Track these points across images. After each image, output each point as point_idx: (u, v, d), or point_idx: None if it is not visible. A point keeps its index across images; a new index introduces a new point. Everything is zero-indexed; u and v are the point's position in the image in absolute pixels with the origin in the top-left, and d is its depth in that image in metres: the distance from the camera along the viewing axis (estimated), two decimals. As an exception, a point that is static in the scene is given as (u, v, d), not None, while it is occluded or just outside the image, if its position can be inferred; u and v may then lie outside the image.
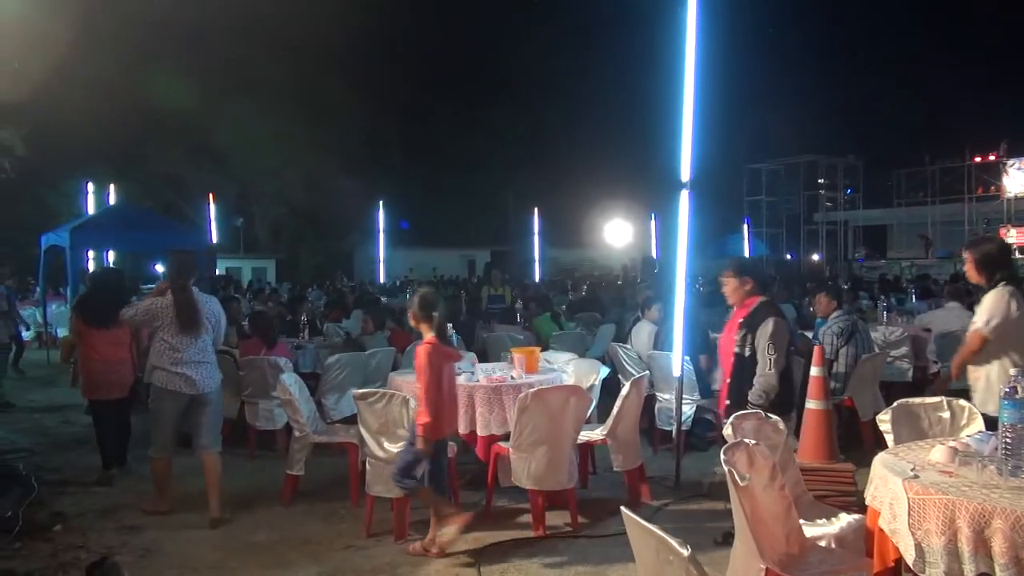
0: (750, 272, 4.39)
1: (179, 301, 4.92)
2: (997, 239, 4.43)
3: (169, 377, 4.91)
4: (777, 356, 4.15)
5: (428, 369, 4.12)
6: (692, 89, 5.61)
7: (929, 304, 10.31)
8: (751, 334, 4.24)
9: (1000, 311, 3.98)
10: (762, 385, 4.15)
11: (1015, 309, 3.98)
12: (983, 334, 4.03)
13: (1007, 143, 30.00)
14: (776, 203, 36.80)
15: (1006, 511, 2.34)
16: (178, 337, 4.91)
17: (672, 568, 2.03)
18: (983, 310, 4.06)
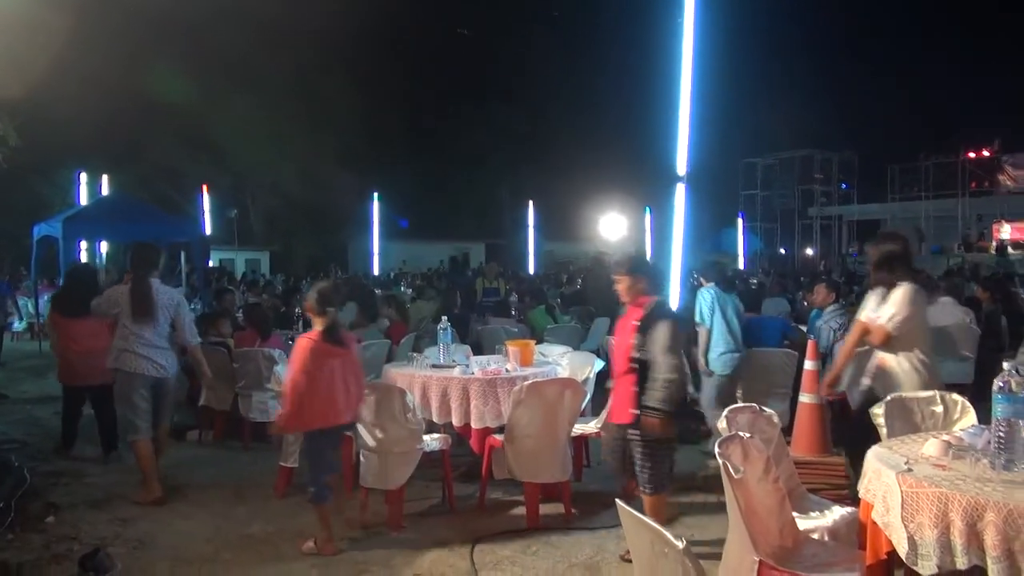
0: (643, 270, 4.19)
1: (133, 290, 5.23)
2: (901, 237, 4.53)
3: (137, 361, 5.17)
4: (675, 360, 3.96)
5: (301, 362, 4.16)
6: (689, 83, 5.61)
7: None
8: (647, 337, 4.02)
9: (906, 307, 4.11)
10: (665, 390, 3.93)
11: (920, 306, 4.17)
12: (887, 329, 4.15)
13: (1000, 139, 30.12)
14: (771, 197, 36.89)
15: (999, 504, 2.35)
16: (136, 324, 5.19)
17: (667, 561, 2.04)
18: (890, 305, 4.16)
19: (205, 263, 15.53)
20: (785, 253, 36.35)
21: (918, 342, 4.21)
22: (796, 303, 10.66)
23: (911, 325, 4.16)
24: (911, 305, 4.15)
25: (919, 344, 4.22)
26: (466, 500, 5.07)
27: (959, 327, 7.74)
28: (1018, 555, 2.30)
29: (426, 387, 5.14)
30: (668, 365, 3.91)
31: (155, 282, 5.33)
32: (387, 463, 4.58)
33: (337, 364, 4.26)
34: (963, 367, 7.69)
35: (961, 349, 7.72)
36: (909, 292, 4.16)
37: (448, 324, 5.87)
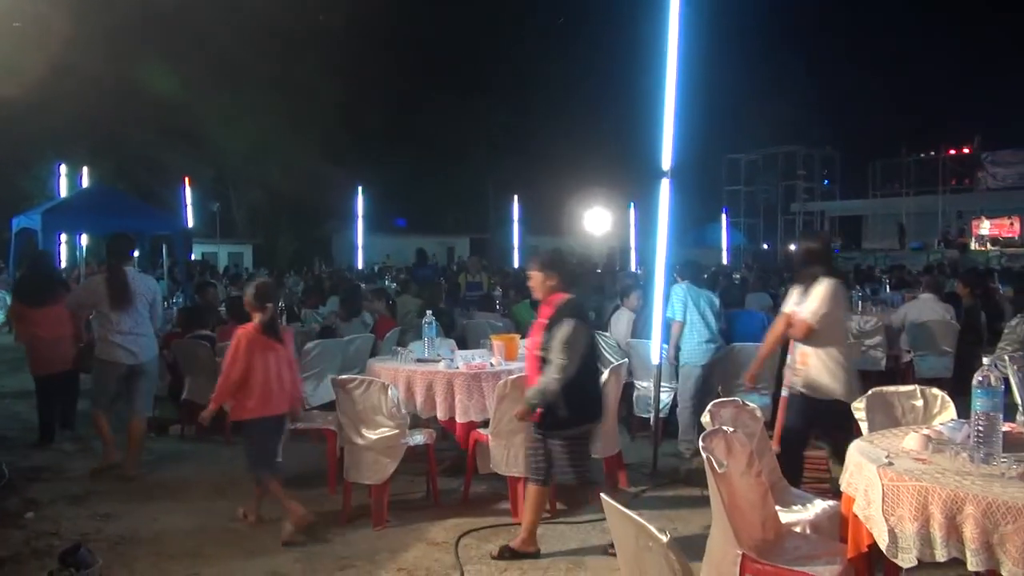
0: (556, 267, 4.10)
1: (110, 279, 5.46)
2: (822, 235, 4.72)
3: (111, 349, 5.42)
4: (567, 362, 3.83)
5: (236, 352, 4.39)
6: (674, 79, 5.61)
7: (903, 295, 10.45)
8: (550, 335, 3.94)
9: (826, 302, 4.20)
10: (542, 385, 3.90)
11: (839, 302, 4.27)
12: (809, 322, 4.22)
13: (981, 136, 30.47)
14: (754, 193, 37.13)
15: (978, 497, 2.38)
16: (114, 312, 5.41)
17: (651, 554, 2.05)
18: (811, 300, 4.24)
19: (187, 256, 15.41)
20: (768, 248, 36.58)
21: (836, 337, 4.31)
22: (778, 298, 10.73)
23: (830, 320, 4.24)
24: (831, 300, 4.22)
25: (836, 338, 4.31)
26: (451, 494, 5.07)
27: (939, 322, 7.84)
28: (996, 548, 2.33)
29: (411, 381, 5.13)
30: (556, 366, 3.85)
31: (131, 270, 5.60)
32: (371, 457, 4.57)
33: (272, 357, 4.46)
34: (943, 361, 7.79)
35: (941, 344, 7.81)
36: (829, 287, 4.23)
37: (433, 318, 5.86)
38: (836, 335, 4.33)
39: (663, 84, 5.65)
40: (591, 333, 4.13)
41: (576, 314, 3.98)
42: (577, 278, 4.32)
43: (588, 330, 4.06)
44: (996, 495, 2.37)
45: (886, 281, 13.09)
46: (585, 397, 4.05)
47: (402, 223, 33.37)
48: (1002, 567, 2.33)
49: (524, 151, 33.84)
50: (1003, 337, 7.70)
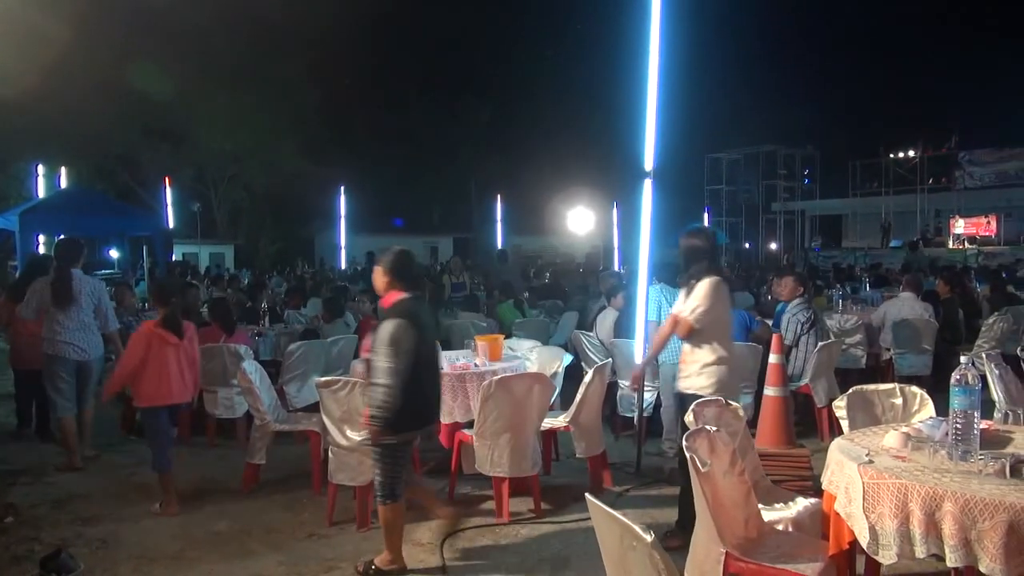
0: (393, 266, 3.89)
1: (55, 281, 5.80)
2: (705, 232, 4.52)
3: (59, 346, 5.77)
4: (394, 364, 3.62)
5: (134, 344, 4.76)
6: (656, 79, 5.63)
7: (883, 293, 10.57)
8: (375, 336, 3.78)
9: (707, 300, 4.16)
10: (381, 396, 3.64)
11: (722, 300, 4.23)
12: (690, 321, 4.18)
13: (958, 136, 30.84)
14: (736, 192, 37.35)
15: (956, 494, 2.42)
16: (59, 311, 5.75)
17: (635, 554, 2.06)
18: (693, 298, 4.20)
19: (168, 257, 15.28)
20: (749, 247, 36.84)
21: (718, 335, 4.25)
22: (760, 297, 10.82)
23: (712, 318, 4.19)
24: (712, 298, 4.18)
25: (719, 337, 4.26)
26: (436, 495, 5.06)
27: (919, 321, 7.93)
28: (974, 544, 2.36)
29: (395, 382, 5.11)
30: (383, 369, 3.63)
31: (77, 272, 5.91)
32: (356, 459, 4.56)
33: (172, 351, 4.80)
34: (922, 359, 7.89)
35: (921, 342, 7.91)
36: (711, 285, 4.18)
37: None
38: (719, 334, 4.26)
39: (645, 85, 5.68)
40: (425, 335, 3.82)
41: (405, 314, 3.73)
42: (419, 280, 4.12)
43: (416, 331, 3.71)
44: (974, 492, 2.41)
45: (866, 280, 13.24)
46: (413, 403, 3.75)
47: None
48: (980, 563, 2.36)
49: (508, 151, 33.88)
50: (981, 335, 7.85)
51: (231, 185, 32.62)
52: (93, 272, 12.32)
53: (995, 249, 26.22)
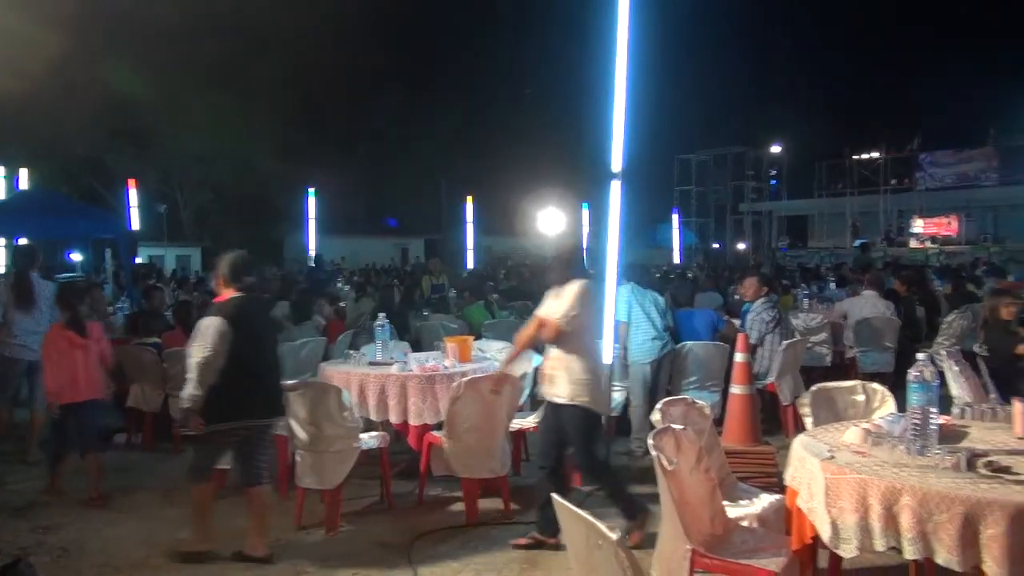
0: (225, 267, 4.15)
1: (16, 284, 6.11)
2: (574, 236, 4.66)
3: (13, 348, 6.01)
4: (198, 358, 3.86)
5: (47, 346, 5.11)
6: (624, 80, 5.67)
7: (847, 292, 10.74)
8: None
9: (577, 304, 4.11)
10: (187, 387, 3.91)
11: (590, 303, 4.21)
12: (559, 324, 4.12)
13: (919, 138, 31.48)
14: (705, 193, 37.75)
15: (914, 488, 2.47)
16: (18, 313, 6.02)
17: (601, 552, 2.08)
18: (562, 301, 4.15)
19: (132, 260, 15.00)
20: (718, 247, 37.23)
21: (586, 341, 4.21)
22: (728, 296, 10.93)
23: (580, 323, 4.14)
24: (581, 302, 4.13)
25: (586, 343, 4.21)
26: (405, 497, 5.05)
27: (880, 319, 8.08)
28: (931, 536, 2.42)
29: (363, 385, 5.09)
30: (190, 363, 3.90)
31: (34, 275, 6.21)
32: (324, 462, 4.53)
33: (79, 352, 5.06)
34: (885, 357, 8.03)
35: (883, 340, 8.05)
36: (580, 289, 4.14)
37: (386, 321, 5.83)
38: (586, 339, 4.21)
39: (613, 86, 5.71)
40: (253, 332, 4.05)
41: (222, 312, 3.96)
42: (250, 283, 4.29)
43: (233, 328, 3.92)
44: (931, 485, 2.46)
45: (831, 279, 13.45)
46: (228, 396, 3.95)
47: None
48: (936, 555, 2.42)
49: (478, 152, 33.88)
50: (940, 332, 8.00)
51: (198, 187, 32.20)
52: (55, 276, 12.07)
53: (956, 248, 26.81)
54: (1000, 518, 2.32)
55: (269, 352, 4.26)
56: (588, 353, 4.19)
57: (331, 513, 4.53)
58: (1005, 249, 25.10)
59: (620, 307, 6.04)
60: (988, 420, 3.32)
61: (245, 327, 3.98)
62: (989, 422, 3.30)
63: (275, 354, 4.36)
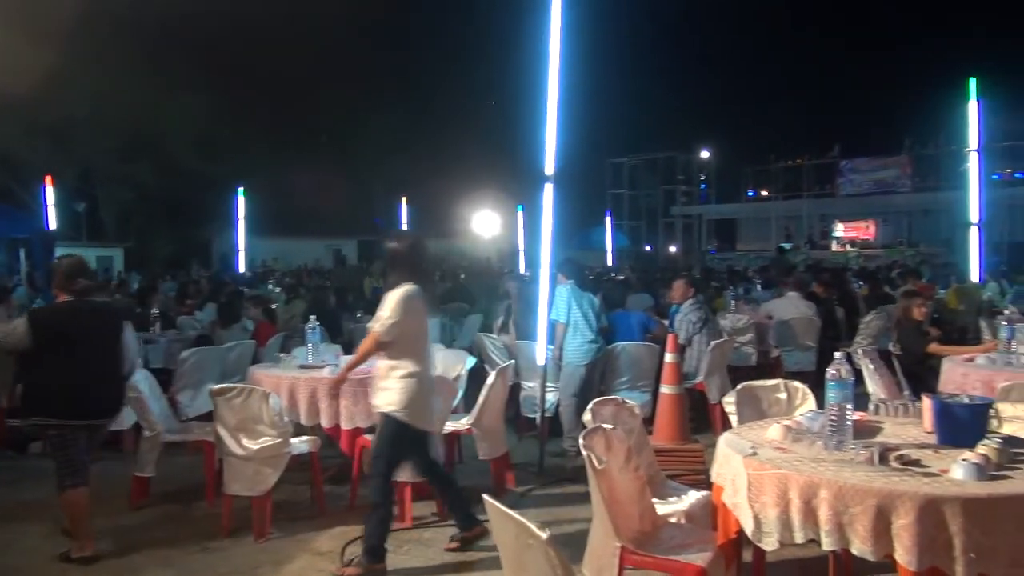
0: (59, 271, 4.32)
1: None
2: (408, 235, 4.26)
3: None
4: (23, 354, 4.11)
5: None
6: (556, 85, 5.74)
7: (773, 293, 11.10)
8: None
9: (398, 311, 3.88)
10: None
11: (416, 310, 3.93)
12: (377, 333, 3.91)
13: (840, 145, 32.77)
14: (637, 196, 38.44)
15: (830, 482, 2.57)
16: None
17: (532, 551, 2.09)
18: (382, 308, 3.94)
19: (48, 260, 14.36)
20: (650, 250, 37.95)
21: (410, 350, 3.97)
22: (659, 298, 11.16)
23: (403, 331, 3.90)
24: (402, 309, 3.88)
25: (411, 352, 3.97)
26: (336, 502, 4.98)
27: (802, 320, 8.38)
28: (846, 528, 2.52)
29: (293, 389, 5.01)
30: None
31: None
32: (252, 468, 4.43)
33: None
34: (807, 356, 8.34)
35: (804, 340, 8.35)
36: (401, 295, 3.89)
37: (317, 324, 5.74)
38: (411, 347, 3.96)
39: (546, 90, 5.77)
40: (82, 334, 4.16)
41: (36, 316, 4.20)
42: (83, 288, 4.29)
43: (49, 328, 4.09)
44: (846, 479, 2.57)
45: (757, 281, 13.87)
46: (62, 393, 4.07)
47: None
48: (852, 546, 2.52)
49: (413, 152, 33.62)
50: (859, 332, 8.35)
51: (120, 185, 31.01)
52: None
53: (873, 252, 28.00)
54: (909, 509, 2.43)
55: (96, 355, 4.24)
56: (413, 362, 3.94)
57: (260, 520, 4.44)
58: (919, 252, 26.36)
59: (559, 307, 6.08)
60: (900, 416, 3.47)
61: (59, 330, 4.12)
62: (901, 418, 3.45)
63: (107, 358, 4.31)
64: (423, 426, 4.04)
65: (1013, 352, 5.15)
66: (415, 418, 3.96)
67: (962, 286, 11.57)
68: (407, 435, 4.00)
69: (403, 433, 3.97)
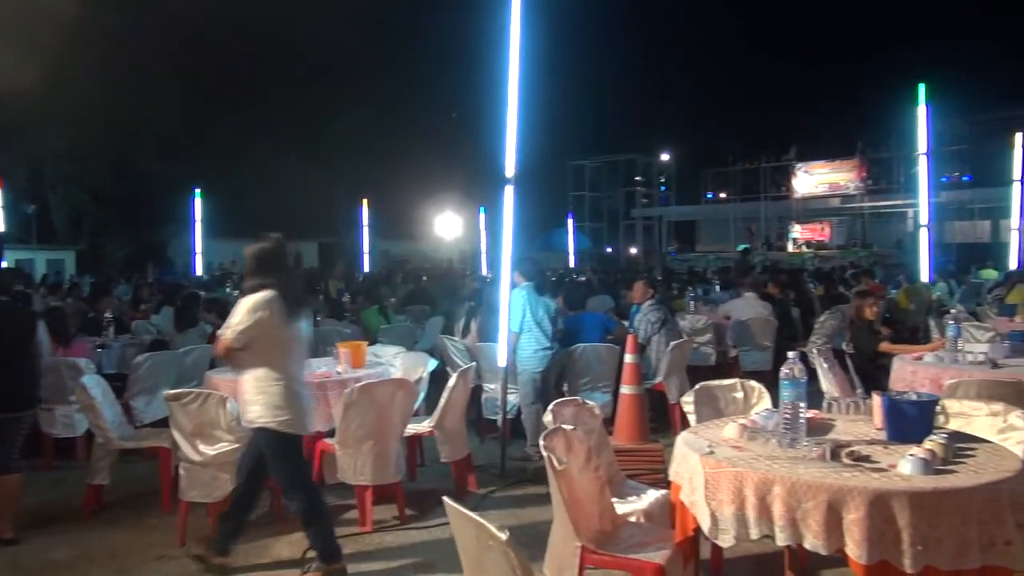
0: None
1: None
2: (273, 239, 3.94)
3: None
4: None
5: None
6: (516, 88, 5.76)
7: (731, 294, 11.29)
8: None
9: (249, 318, 3.69)
10: None
11: (272, 317, 3.71)
12: (226, 340, 3.73)
13: (796, 148, 33.39)
14: (598, 198, 38.71)
15: (784, 479, 2.63)
16: None
17: (492, 552, 2.11)
18: (233, 314, 3.76)
19: (-3, 264, 13.97)
20: (611, 251, 38.26)
21: (270, 359, 3.76)
22: (620, 299, 11.26)
23: (255, 338, 3.71)
24: (253, 316, 3.68)
25: (271, 361, 3.76)
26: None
27: (759, 320, 8.53)
28: (799, 523, 2.58)
29: (252, 393, 4.93)
30: None
31: None
32: (209, 474, 4.37)
33: None
34: (764, 356, 8.50)
35: (761, 339, 8.51)
36: (253, 302, 3.71)
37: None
38: (271, 356, 3.75)
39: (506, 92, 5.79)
40: None
41: None
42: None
43: None
44: (799, 476, 2.63)
45: (716, 282, 14.08)
46: None
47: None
48: (805, 540, 2.58)
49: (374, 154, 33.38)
50: (814, 332, 8.53)
51: (72, 186, 30.24)
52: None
53: (828, 253, 28.57)
54: (860, 503, 2.49)
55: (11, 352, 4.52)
56: (276, 370, 3.76)
57: (217, 526, 4.37)
58: (872, 253, 26.98)
59: (515, 314, 6.02)
60: (852, 413, 3.55)
61: None
62: (853, 415, 3.53)
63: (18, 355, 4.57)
64: (298, 431, 3.86)
65: (960, 350, 5.30)
66: (290, 425, 3.78)
67: (912, 286, 11.89)
68: (292, 443, 3.85)
69: (286, 442, 3.82)
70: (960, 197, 28.52)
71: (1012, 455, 2.90)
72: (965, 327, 5.56)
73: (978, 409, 3.57)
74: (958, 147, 28.41)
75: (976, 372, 4.83)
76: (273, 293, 3.74)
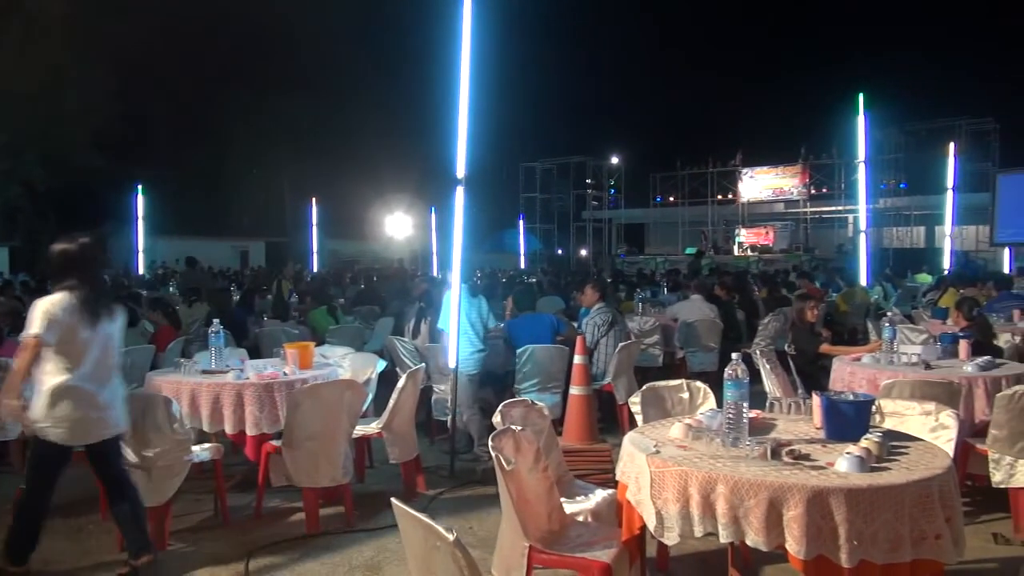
0: None
1: None
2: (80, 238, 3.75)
3: None
4: None
5: None
6: (467, 88, 5.76)
7: (679, 296, 11.47)
8: None
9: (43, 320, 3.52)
10: None
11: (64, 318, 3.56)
12: (27, 344, 3.52)
13: (742, 153, 34.12)
14: (549, 200, 38.92)
15: (727, 477, 2.69)
16: None
17: (439, 553, 2.11)
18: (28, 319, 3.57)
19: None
20: (562, 254, 38.51)
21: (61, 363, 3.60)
22: (570, 301, 11.34)
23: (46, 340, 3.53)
24: (48, 317, 3.52)
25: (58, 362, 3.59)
26: (242, 510, 4.85)
27: (705, 322, 8.69)
28: (742, 520, 2.64)
29: (195, 394, 4.84)
30: None
31: None
32: (150, 478, 4.26)
33: None
34: (710, 357, 8.65)
35: (708, 341, 8.67)
36: (45, 303, 3.56)
37: (220, 327, 5.56)
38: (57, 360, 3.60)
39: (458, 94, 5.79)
40: None
41: None
42: None
43: None
44: (742, 474, 2.69)
45: (664, 284, 14.28)
46: None
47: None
48: (747, 537, 2.64)
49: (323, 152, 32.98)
50: (758, 333, 8.71)
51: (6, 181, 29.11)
52: None
53: (772, 257, 29.27)
54: (799, 501, 2.57)
55: None
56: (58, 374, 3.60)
57: (158, 531, 4.26)
58: (815, 257, 27.72)
59: (444, 313, 6.07)
60: (793, 413, 3.65)
61: None
62: (794, 415, 3.63)
63: None
64: (71, 442, 3.68)
65: (895, 352, 5.49)
66: (63, 436, 3.64)
67: (850, 289, 12.25)
68: (50, 453, 3.68)
69: (45, 452, 3.67)
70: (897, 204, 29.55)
71: (943, 453, 3.02)
72: (900, 329, 5.76)
73: (911, 408, 3.70)
74: (895, 155, 29.40)
75: (910, 373, 5.01)
76: (68, 295, 3.60)
